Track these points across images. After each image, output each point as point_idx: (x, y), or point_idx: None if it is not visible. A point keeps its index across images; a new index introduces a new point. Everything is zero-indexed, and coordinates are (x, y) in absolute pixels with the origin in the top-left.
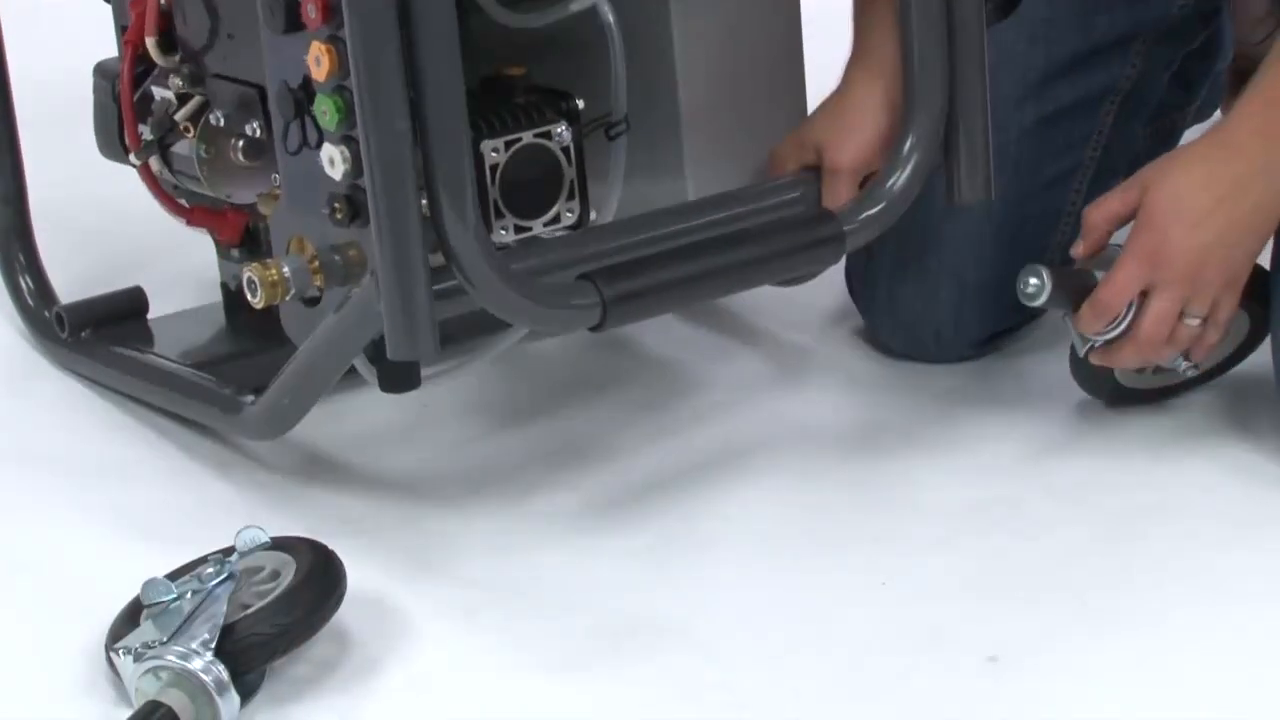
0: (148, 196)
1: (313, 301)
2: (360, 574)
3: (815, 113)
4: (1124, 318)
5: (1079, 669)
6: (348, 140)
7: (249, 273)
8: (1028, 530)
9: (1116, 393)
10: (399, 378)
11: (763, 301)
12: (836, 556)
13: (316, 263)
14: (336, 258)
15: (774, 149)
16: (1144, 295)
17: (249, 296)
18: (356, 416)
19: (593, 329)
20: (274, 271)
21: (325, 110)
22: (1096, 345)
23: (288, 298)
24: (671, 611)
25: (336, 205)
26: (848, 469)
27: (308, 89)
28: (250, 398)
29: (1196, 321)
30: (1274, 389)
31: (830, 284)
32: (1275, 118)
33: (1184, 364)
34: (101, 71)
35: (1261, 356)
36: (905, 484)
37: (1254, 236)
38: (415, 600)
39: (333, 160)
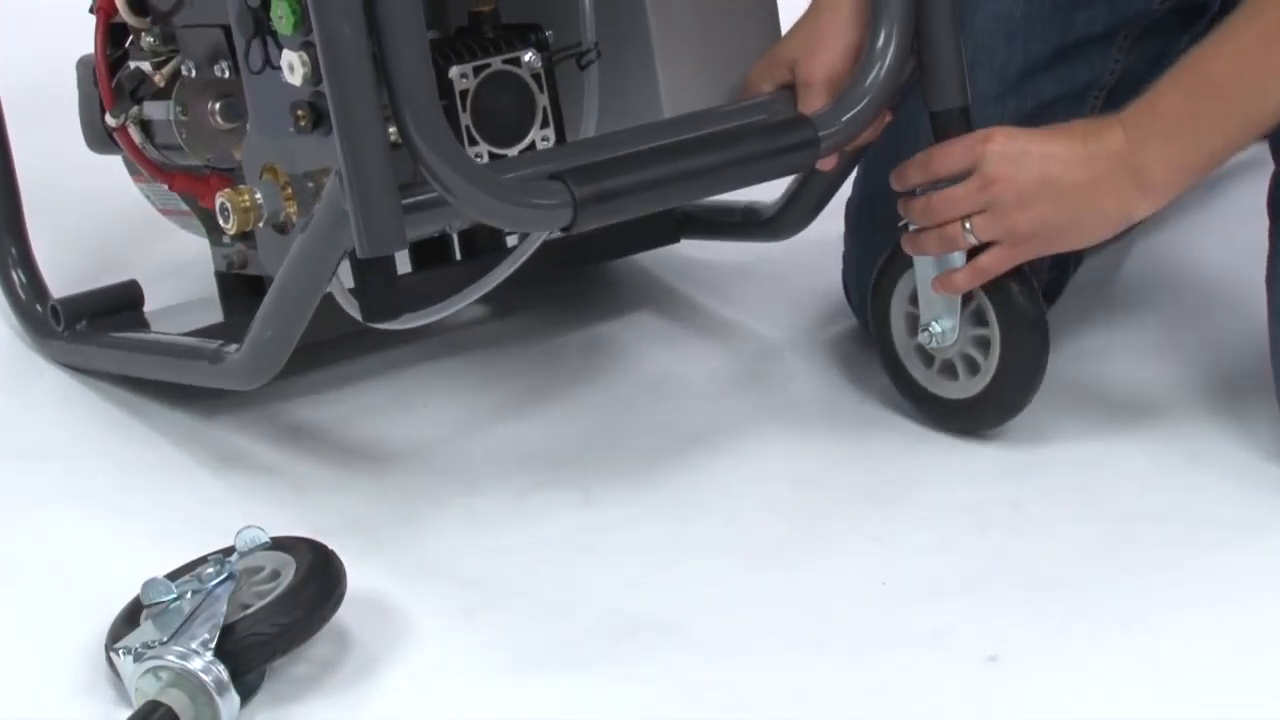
0: (140, 194)
1: (286, 229)
2: (360, 574)
3: (789, 32)
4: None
5: (1079, 669)
6: (306, 46)
7: (222, 199)
8: (1027, 530)
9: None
10: (380, 306)
11: (760, 301)
12: (836, 556)
13: (289, 190)
14: (309, 183)
15: (749, 72)
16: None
17: (222, 223)
18: (356, 417)
19: (564, 230)
20: (246, 197)
21: (281, 15)
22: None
23: (260, 223)
24: (671, 611)
25: (300, 113)
26: (847, 468)
27: (266, 6)
28: (235, 347)
29: (970, 237)
30: (1273, 390)
31: (827, 284)
32: (1149, 122)
33: (932, 336)
34: (85, 64)
35: (1261, 353)
36: (904, 484)
37: (1074, 226)
38: (415, 600)
39: (292, 66)
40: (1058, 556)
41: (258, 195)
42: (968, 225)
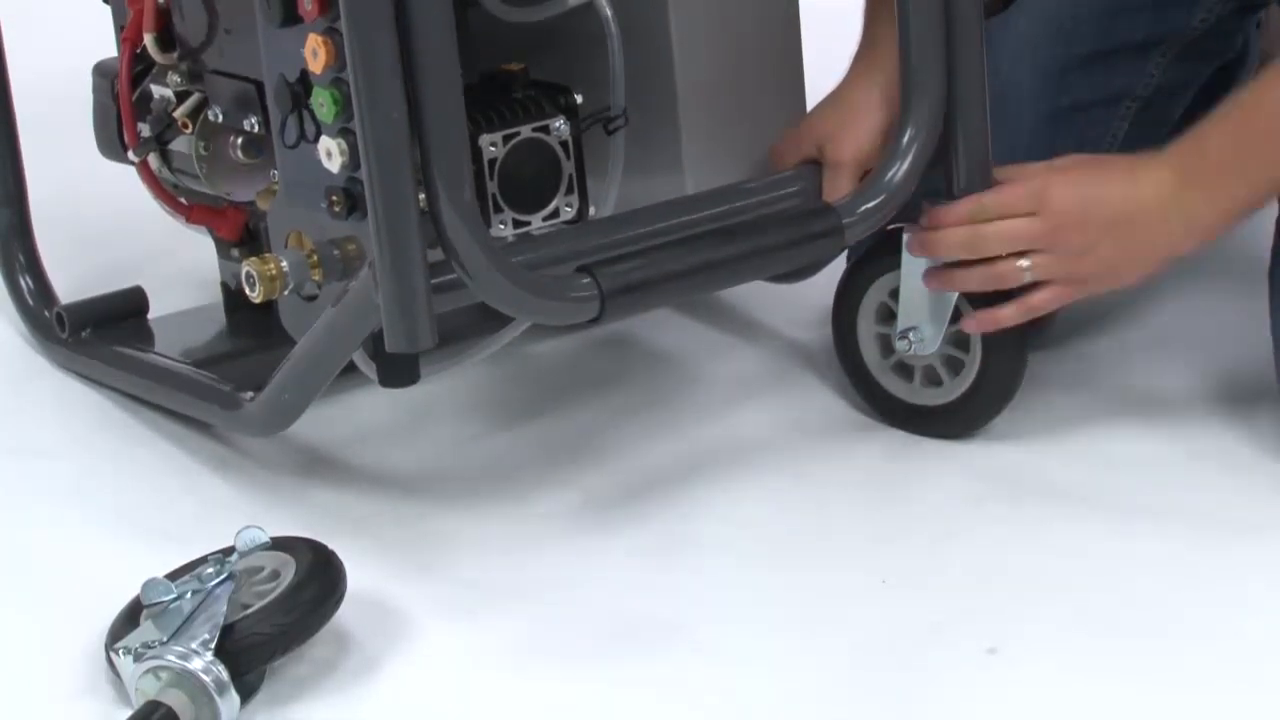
0: (147, 196)
1: (311, 296)
2: (360, 574)
3: (817, 107)
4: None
5: (1078, 667)
6: (345, 133)
7: (247, 267)
8: (1027, 529)
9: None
10: (399, 372)
11: (765, 299)
12: (836, 556)
13: (315, 257)
14: (335, 252)
15: (775, 143)
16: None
17: (247, 291)
18: (357, 416)
19: (591, 321)
20: (272, 266)
21: (323, 103)
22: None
23: (286, 292)
24: (671, 611)
25: (334, 198)
26: (847, 468)
27: (305, 82)
28: (250, 394)
29: (1025, 272)
30: (1274, 388)
31: (832, 283)
32: (1196, 164)
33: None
34: (101, 71)
35: (1263, 349)
36: (905, 483)
37: (1128, 265)
38: (415, 600)
39: (330, 153)
40: (1058, 555)
41: (283, 263)
42: (1024, 264)
